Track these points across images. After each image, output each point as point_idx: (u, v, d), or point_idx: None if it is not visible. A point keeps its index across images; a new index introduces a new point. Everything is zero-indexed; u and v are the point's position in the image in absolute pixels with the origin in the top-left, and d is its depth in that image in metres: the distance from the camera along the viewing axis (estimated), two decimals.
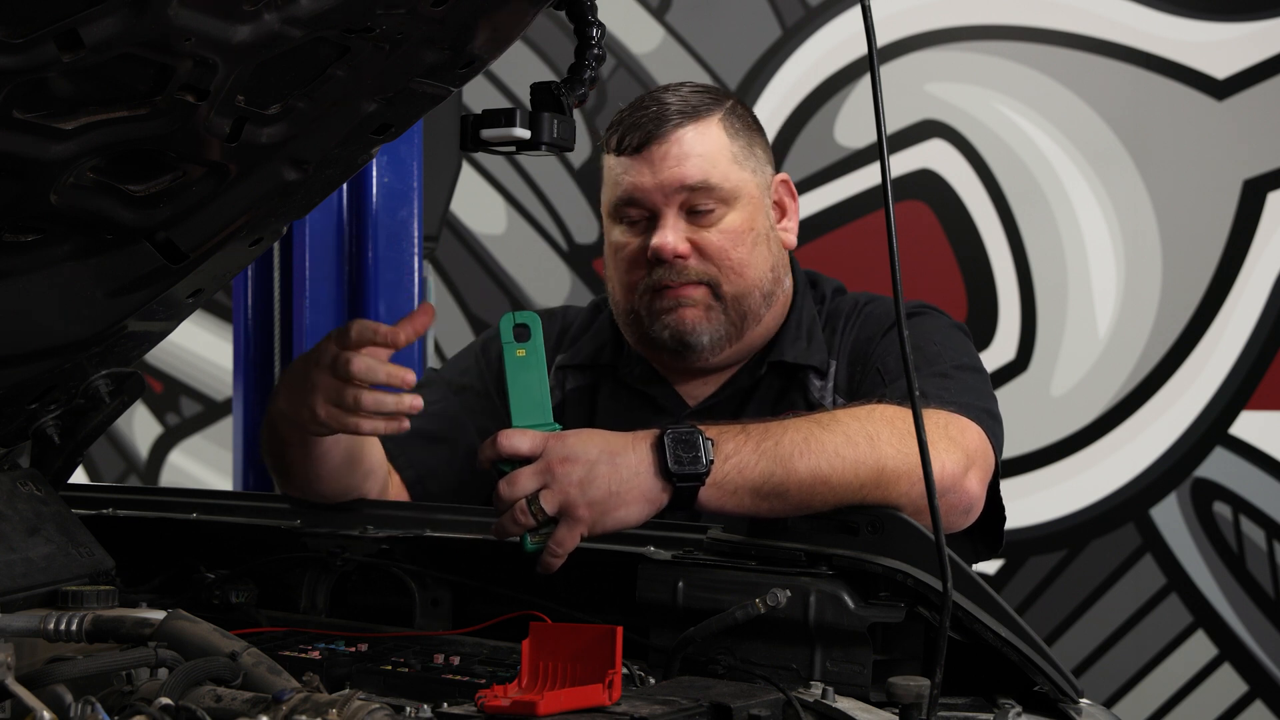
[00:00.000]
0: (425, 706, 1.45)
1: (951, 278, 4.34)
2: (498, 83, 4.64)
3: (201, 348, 5.16)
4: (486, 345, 2.47)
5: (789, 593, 1.64)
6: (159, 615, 1.49)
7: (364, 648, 1.80)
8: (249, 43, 1.37)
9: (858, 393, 2.25)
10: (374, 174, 3.01)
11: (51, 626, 1.53)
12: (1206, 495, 4.13)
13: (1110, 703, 4.19)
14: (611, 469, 1.79)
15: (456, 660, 1.73)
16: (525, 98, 1.81)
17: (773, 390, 2.34)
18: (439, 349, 4.54)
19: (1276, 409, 4.08)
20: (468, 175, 4.68)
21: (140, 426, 5.27)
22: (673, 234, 2.26)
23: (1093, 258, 4.23)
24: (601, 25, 1.74)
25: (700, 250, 2.27)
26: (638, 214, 2.30)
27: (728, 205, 2.29)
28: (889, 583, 1.67)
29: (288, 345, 3.04)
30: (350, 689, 1.39)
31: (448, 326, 4.75)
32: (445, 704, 1.46)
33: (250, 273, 3.07)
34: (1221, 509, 4.13)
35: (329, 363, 1.93)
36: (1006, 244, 4.32)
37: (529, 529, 1.81)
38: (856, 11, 3.48)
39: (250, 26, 1.36)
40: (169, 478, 5.21)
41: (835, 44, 4.46)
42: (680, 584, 1.74)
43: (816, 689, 1.60)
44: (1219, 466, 4.13)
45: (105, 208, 1.53)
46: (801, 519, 1.79)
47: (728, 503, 1.82)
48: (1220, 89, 4.12)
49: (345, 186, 3.01)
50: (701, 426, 1.84)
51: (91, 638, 1.53)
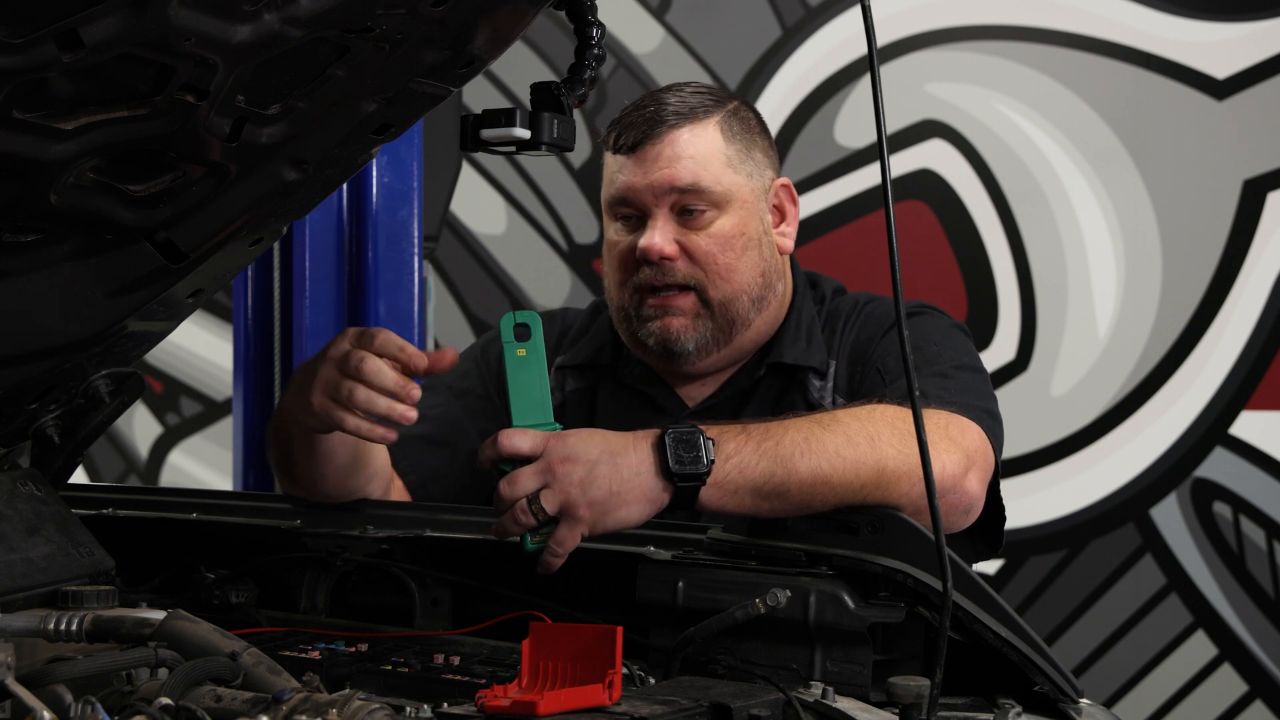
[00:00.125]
0: (425, 706, 1.45)
1: (951, 278, 4.34)
2: (498, 83, 4.64)
3: (201, 348, 5.16)
4: (486, 348, 2.47)
5: (789, 593, 1.64)
6: (159, 615, 1.49)
7: (364, 648, 1.80)
8: (249, 43, 1.37)
9: (858, 393, 2.24)
10: (374, 174, 3.01)
11: (51, 626, 1.53)
12: (1206, 495, 4.13)
13: (1110, 703, 4.19)
14: (612, 469, 1.79)
15: (456, 660, 1.72)
16: (525, 98, 1.81)
17: (772, 391, 2.34)
18: (438, 349, 4.53)
19: (1276, 409, 4.08)
20: (468, 175, 4.68)
21: (140, 426, 5.27)
22: (660, 235, 2.26)
23: (1093, 258, 4.23)
24: (601, 25, 1.74)
25: (688, 253, 2.27)
26: (630, 213, 2.30)
27: (719, 208, 2.28)
28: (889, 583, 1.67)
29: (288, 345, 3.04)
30: (350, 689, 1.39)
31: (448, 326, 4.75)
32: (445, 704, 1.46)
33: (250, 273, 3.07)
34: (1221, 509, 4.12)
35: (339, 357, 1.93)
36: (1006, 244, 4.31)
37: (529, 529, 1.80)
38: (856, 11, 3.48)
39: (250, 26, 1.36)
40: (169, 478, 5.21)
41: (835, 44, 4.46)
42: (680, 584, 1.74)
43: (816, 689, 1.60)
44: (1219, 466, 4.12)
45: (105, 208, 1.53)
46: (802, 519, 1.79)
47: (728, 503, 1.82)
48: (1220, 89, 4.12)
49: (345, 186, 3.01)
50: (702, 426, 1.84)
51: (91, 638, 1.52)
